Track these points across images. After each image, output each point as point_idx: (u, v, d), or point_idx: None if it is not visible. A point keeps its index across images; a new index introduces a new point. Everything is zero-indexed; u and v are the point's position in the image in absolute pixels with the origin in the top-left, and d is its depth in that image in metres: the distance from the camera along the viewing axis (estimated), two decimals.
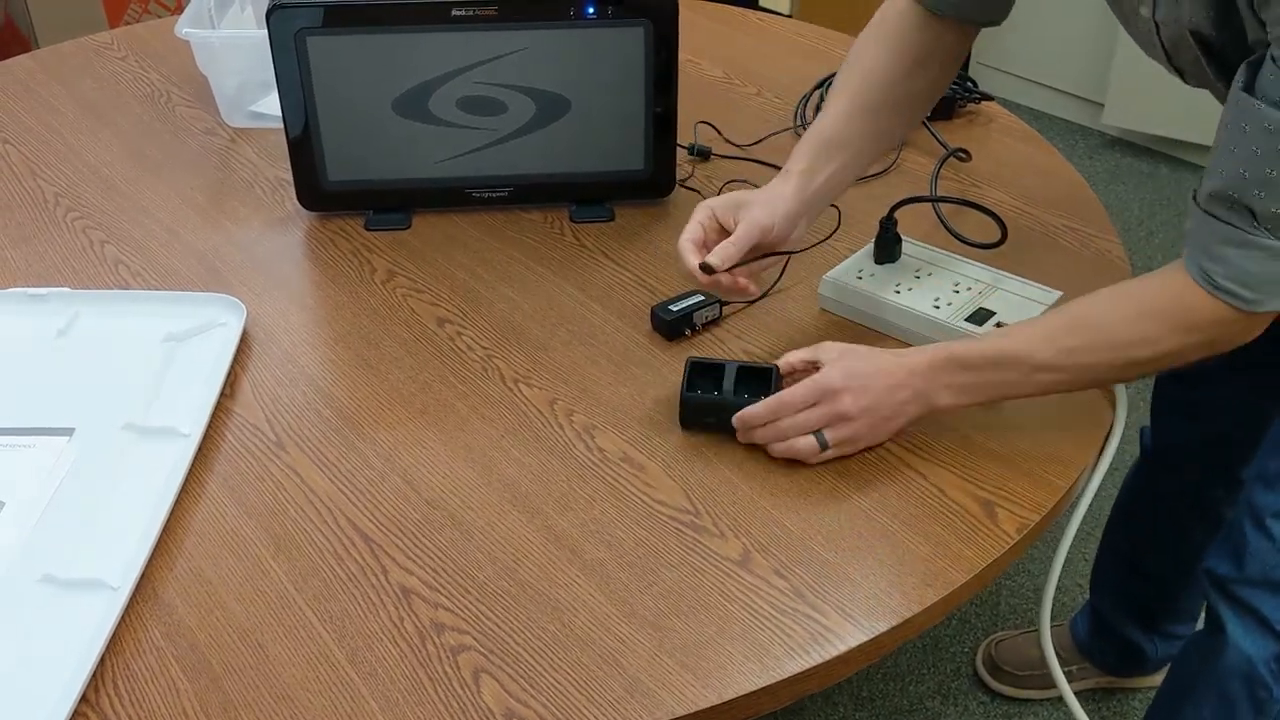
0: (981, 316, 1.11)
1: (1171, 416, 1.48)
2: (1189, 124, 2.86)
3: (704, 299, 1.16)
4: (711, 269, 1.05)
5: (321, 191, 1.33)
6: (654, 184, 1.35)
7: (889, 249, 1.19)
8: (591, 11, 1.24)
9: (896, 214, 1.20)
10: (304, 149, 1.30)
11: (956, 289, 1.15)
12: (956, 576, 0.91)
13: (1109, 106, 3.02)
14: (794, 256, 1.20)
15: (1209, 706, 1.24)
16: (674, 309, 1.16)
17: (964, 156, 1.44)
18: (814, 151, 1.12)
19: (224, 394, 1.09)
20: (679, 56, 1.29)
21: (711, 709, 0.82)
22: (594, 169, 1.34)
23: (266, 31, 1.23)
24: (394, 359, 1.14)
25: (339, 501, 0.98)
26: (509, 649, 0.86)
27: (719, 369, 1.05)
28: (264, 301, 1.21)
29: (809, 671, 0.84)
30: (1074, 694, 1.20)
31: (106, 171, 1.44)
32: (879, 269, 1.19)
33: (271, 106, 1.50)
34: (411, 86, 1.27)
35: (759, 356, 1.13)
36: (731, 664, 0.84)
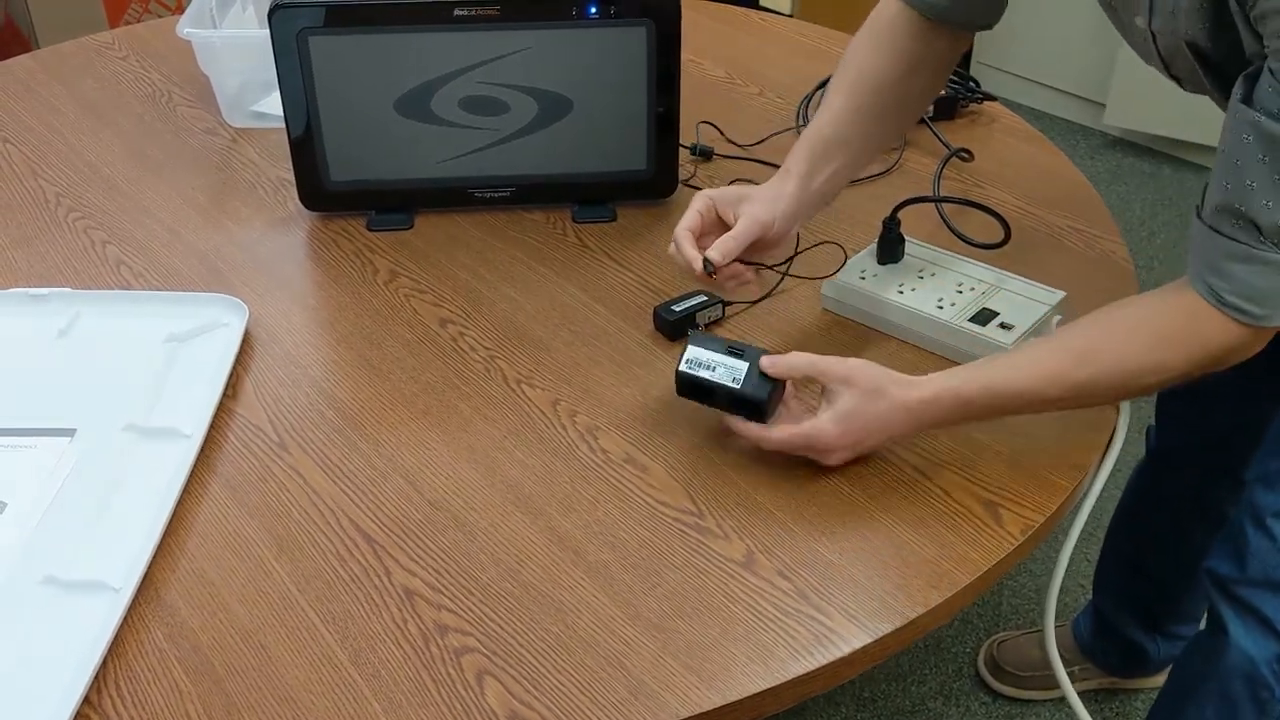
0: (985, 317, 1.11)
1: (1175, 417, 1.48)
2: (1191, 124, 2.85)
3: (707, 299, 1.16)
4: (713, 266, 1.05)
5: (323, 191, 1.33)
6: (656, 184, 1.35)
7: (892, 249, 1.19)
8: (594, 11, 1.24)
9: (899, 214, 1.19)
10: (306, 149, 1.30)
11: (960, 289, 1.15)
12: (960, 578, 0.91)
13: (1111, 107, 3.02)
14: (795, 257, 1.21)
15: (1211, 707, 1.24)
16: (676, 309, 1.16)
17: (967, 157, 1.44)
18: (813, 152, 1.12)
19: (226, 395, 1.09)
20: (681, 56, 1.29)
21: (715, 711, 0.82)
22: (596, 169, 1.33)
23: (268, 31, 1.23)
24: (396, 360, 1.13)
25: (341, 502, 0.98)
26: (512, 650, 0.85)
27: (720, 343, 1.01)
28: (266, 302, 1.21)
29: (813, 673, 0.84)
30: (1076, 694, 1.20)
31: (108, 171, 1.44)
32: (882, 269, 1.19)
33: (273, 106, 1.50)
34: (413, 86, 1.27)
35: None
36: (735, 666, 0.84)
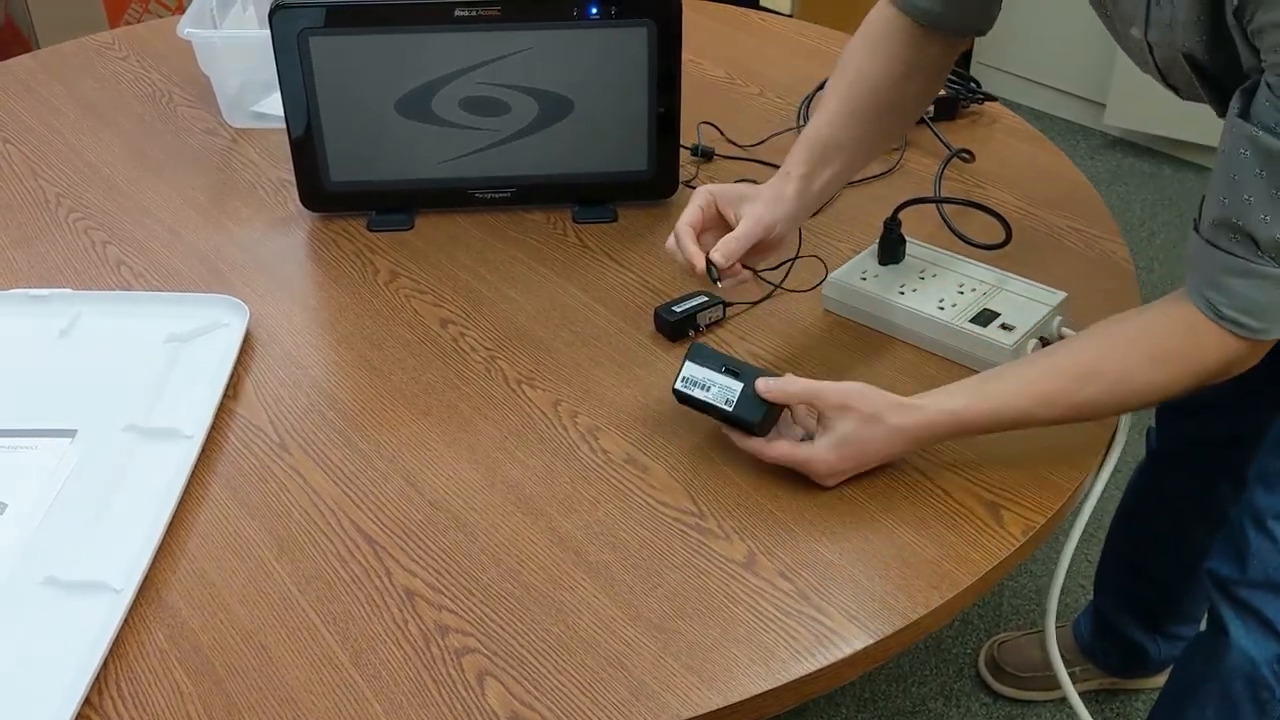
0: (986, 317, 1.11)
1: (1175, 418, 1.48)
2: (1191, 124, 2.85)
3: (707, 300, 1.16)
4: (718, 269, 1.05)
5: (324, 192, 1.33)
6: (657, 184, 1.35)
7: (893, 250, 1.19)
8: (595, 12, 1.24)
9: (900, 215, 1.19)
10: (306, 149, 1.29)
11: (961, 290, 1.15)
12: (961, 579, 0.91)
13: (1111, 107, 3.02)
14: (796, 258, 1.21)
15: (1212, 707, 1.24)
16: (677, 310, 1.15)
17: (967, 157, 1.44)
18: (812, 155, 1.12)
19: (227, 395, 1.09)
20: (681, 57, 1.29)
21: (716, 712, 0.82)
22: (597, 169, 1.33)
23: (269, 31, 1.23)
24: (397, 360, 1.13)
25: (342, 503, 0.98)
26: (513, 651, 0.85)
27: (717, 361, 1.01)
28: (267, 302, 1.21)
29: (814, 674, 0.84)
30: (1077, 695, 1.20)
31: (108, 172, 1.44)
32: (883, 270, 1.19)
33: (274, 107, 1.49)
34: (414, 87, 1.27)
35: (763, 358, 1.13)
36: (737, 666, 0.84)
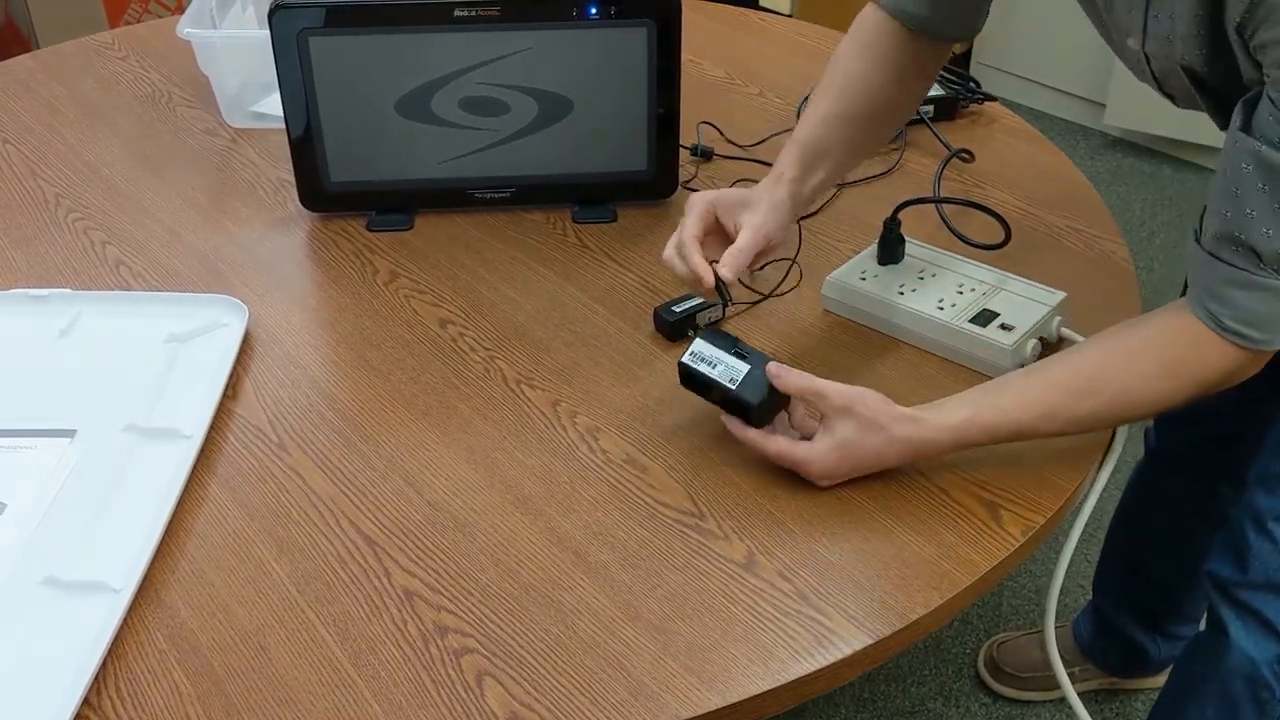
0: (985, 318, 1.11)
1: (1175, 418, 1.48)
2: (1191, 125, 2.84)
3: (707, 299, 1.16)
4: (727, 286, 1.04)
5: (323, 192, 1.33)
6: (656, 185, 1.35)
7: (892, 250, 1.19)
8: (594, 12, 1.24)
9: (900, 215, 1.19)
10: (306, 149, 1.29)
11: (960, 290, 1.15)
12: (961, 579, 0.91)
13: (1111, 107, 3.02)
14: (796, 258, 1.21)
15: (1212, 707, 1.24)
16: (677, 310, 1.16)
17: (967, 157, 1.44)
18: (804, 157, 1.12)
19: (226, 395, 1.09)
20: (681, 57, 1.28)
21: (715, 712, 0.82)
22: (596, 170, 1.33)
23: (268, 31, 1.23)
24: (396, 360, 1.13)
25: (341, 503, 0.98)
26: (512, 652, 0.85)
27: (729, 343, 1.01)
28: (266, 302, 1.21)
29: (813, 674, 0.84)
30: (1077, 695, 1.20)
31: (107, 172, 1.44)
32: (882, 270, 1.18)
33: (273, 107, 1.49)
34: (414, 87, 1.27)
35: None
36: (736, 667, 0.84)
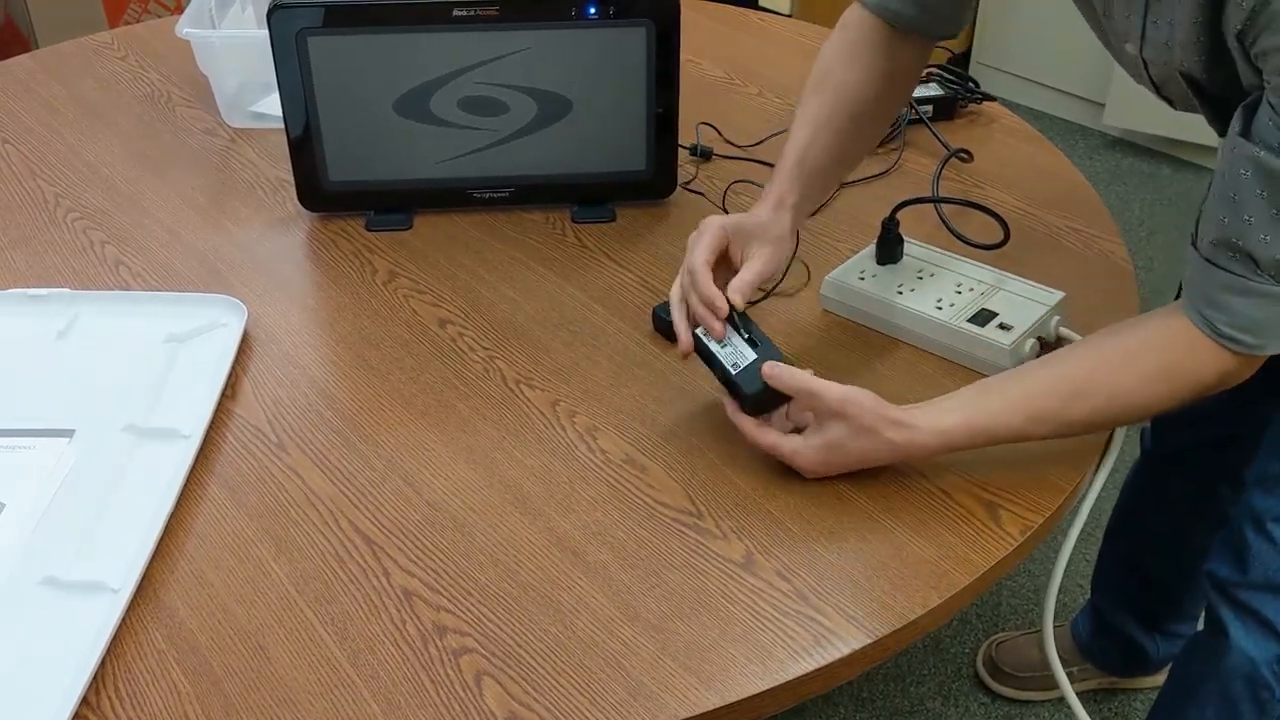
0: (984, 317, 1.11)
1: (1170, 420, 1.48)
2: (1190, 125, 2.82)
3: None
4: (735, 313, 1.02)
5: (322, 192, 1.33)
6: (655, 185, 1.35)
7: (891, 250, 1.19)
8: (593, 12, 1.24)
9: (899, 215, 1.19)
10: (305, 149, 1.29)
11: (959, 290, 1.15)
12: (959, 579, 0.91)
13: (1110, 107, 3.02)
14: (796, 258, 1.21)
15: (1211, 707, 1.24)
16: None
17: (966, 157, 1.44)
18: (805, 181, 1.10)
19: (225, 395, 1.09)
20: (680, 57, 1.28)
21: (714, 712, 0.82)
22: (595, 169, 1.33)
23: (267, 31, 1.23)
24: (395, 360, 1.13)
25: (340, 503, 0.98)
26: (511, 652, 0.85)
27: (745, 325, 1.01)
28: (265, 302, 1.21)
29: (812, 674, 0.84)
30: (1075, 695, 1.20)
31: (107, 172, 1.44)
32: (881, 270, 1.19)
33: (272, 107, 1.49)
34: (413, 87, 1.27)
35: None
36: (734, 666, 0.84)
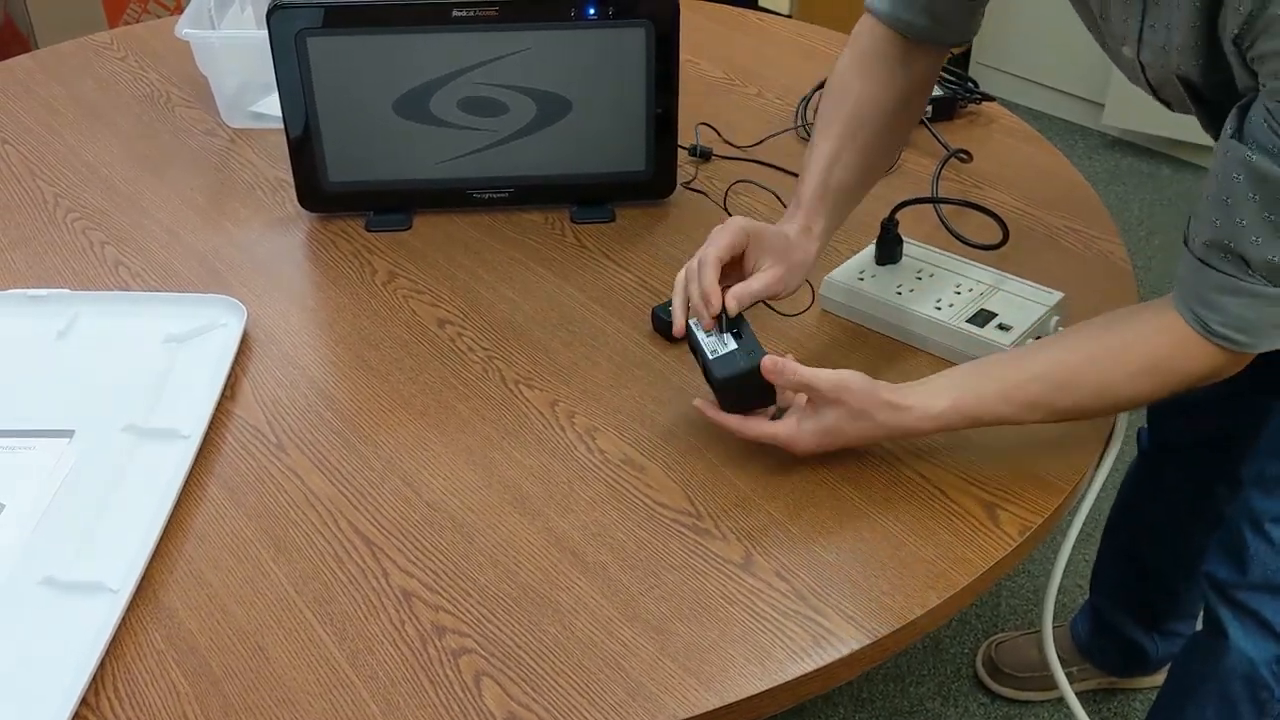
0: (983, 318, 1.11)
1: (1169, 416, 1.48)
2: (1189, 125, 2.82)
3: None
4: (730, 314, 1.01)
5: (322, 192, 1.33)
6: (655, 185, 1.35)
7: (890, 250, 1.19)
8: (592, 12, 1.24)
9: (898, 215, 1.20)
10: (304, 150, 1.30)
11: (958, 290, 1.15)
12: (959, 579, 0.91)
13: (1109, 107, 3.02)
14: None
15: (1211, 707, 1.25)
16: None
17: (965, 157, 1.44)
18: (830, 204, 1.09)
19: (224, 396, 1.09)
20: (679, 57, 1.29)
21: (713, 712, 0.82)
22: (595, 170, 1.33)
23: (267, 32, 1.23)
24: (395, 360, 1.13)
25: (339, 504, 0.98)
26: (510, 652, 0.85)
27: (735, 321, 1.00)
28: (264, 303, 1.21)
29: (811, 674, 0.84)
30: (1075, 695, 1.20)
31: (106, 172, 1.44)
32: (880, 270, 1.19)
33: (272, 107, 1.49)
34: (412, 87, 1.27)
35: None
36: (733, 667, 0.84)
